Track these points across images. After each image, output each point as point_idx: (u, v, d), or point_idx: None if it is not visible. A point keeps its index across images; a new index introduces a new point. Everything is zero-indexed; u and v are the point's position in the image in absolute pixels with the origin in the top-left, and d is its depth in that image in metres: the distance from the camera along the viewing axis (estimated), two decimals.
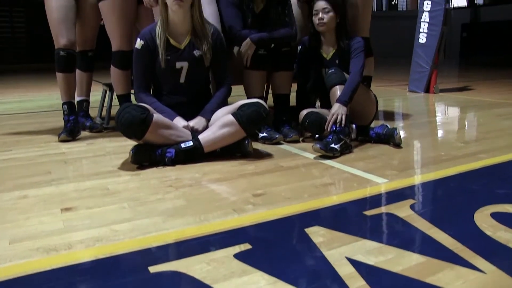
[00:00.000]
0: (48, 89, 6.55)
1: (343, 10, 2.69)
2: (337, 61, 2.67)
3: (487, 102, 4.52)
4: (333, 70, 2.53)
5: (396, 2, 6.64)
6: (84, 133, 3.00)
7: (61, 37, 2.77)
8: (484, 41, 21.31)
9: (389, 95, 5.24)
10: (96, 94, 3.53)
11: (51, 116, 3.83)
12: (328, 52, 2.71)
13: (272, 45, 2.62)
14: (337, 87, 2.46)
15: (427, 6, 5.21)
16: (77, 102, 3.12)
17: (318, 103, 2.97)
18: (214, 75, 2.48)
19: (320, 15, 2.60)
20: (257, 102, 2.22)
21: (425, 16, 5.23)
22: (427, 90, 5.30)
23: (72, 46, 2.82)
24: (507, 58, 17.28)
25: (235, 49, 2.67)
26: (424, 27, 5.25)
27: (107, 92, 3.35)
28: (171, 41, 2.32)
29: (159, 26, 2.31)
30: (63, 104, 2.89)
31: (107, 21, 2.77)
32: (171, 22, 2.30)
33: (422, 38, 5.28)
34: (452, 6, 23.36)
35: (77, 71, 3.03)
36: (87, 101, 3.18)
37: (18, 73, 12.71)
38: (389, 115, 3.75)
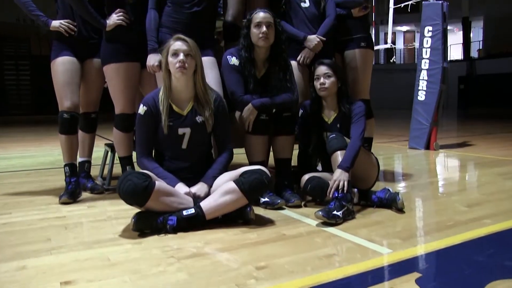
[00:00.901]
0: (49, 143, 6.62)
1: (344, 75, 2.75)
2: (338, 125, 2.70)
3: (488, 159, 4.54)
4: (334, 135, 2.56)
5: (394, 60, 6.85)
6: (85, 194, 3.00)
7: (65, 100, 2.83)
8: (480, 93, 21.72)
9: (390, 152, 5.27)
10: (97, 150, 3.54)
11: (52, 174, 3.84)
12: (329, 116, 2.75)
13: (274, 110, 2.66)
14: (338, 152, 2.48)
15: (425, 64, 5.34)
16: (79, 163, 3.13)
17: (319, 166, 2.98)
18: (216, 140, 2.50)
19: (322, 80, 2.66)
20: (260, 170, 2.23)
21: (424, 74, 5.35)
22: (427, 147, 5.34)
23: (75, 108, 2.87)
24: (504, 111, 17.54)
25: (237, 113, 2.70)
26: (423, 85, 5.36)
27: (109, 152, 3.37)
28: (174, 107, 2.36)
29: (162, 92, 2.35)
30: (65, 165, 2.90)
31: (111, 84, 2.84)
32: (174, 88, 2.35)
33: (421, 96, 5.37)
34: (449, 59, 24.04)
35: (80, 132, 3.07)
36: (89, 162, 3.20)
37: (22, 125, 12.87)
38: (390, 175, 3.75)
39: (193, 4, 2.67)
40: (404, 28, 24.39)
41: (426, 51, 5.32)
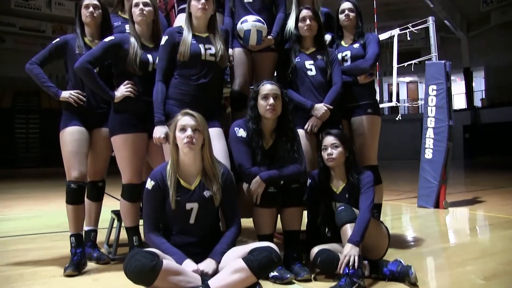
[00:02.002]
0: (55, 200, 6.59)
1: (351, 145, 2.76)
2: (347, 195, 2.68)
3: (501, 220, 4.44)
4: (343, 207, 2.53)
5: (399, 117, 6.85)
6: (90, 264, 2.94)
7: (73, 170, 2.84)
8: (486, 142, 21.69)
9: (399, 212, 5.19)
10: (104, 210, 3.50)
11: (58, 239, 3.79)
12: (338, 186, 2.73)
13: (282, 182, 2.64)
14: (348, 226, 2.44)
15: (431, 122, 5.37)
16: (85, 231, 3.09)
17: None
18: (223, 214, 2.47)
19: (329, 150, 2.66)
20: (269, 247, 2.18)
21: (430, 133, 5.37)
22: (436, 205, 5.26)
23: (83, 178, 2.88)
24: (511, 159, 17.44)
25: (245, 184, 2.69)
26: (429, 143, 5.36)
27: (115, 220, 3.34)
28: (182, 182, 2.35)
29: (170, 167, 2.35)
30: (71, 236, 2.87)
31: (119, 155, 2.85)
32: (182, 163, 2.35)
33: (428, 154, 5.36)
34: (453, 108, 24.21)
35: (87, 200, 3.05)
36: (95, 231, 3.16)
37: (29, 179, 12.94)
38: (400, 240, 3.66)
39: (200, 76, 2.72)
40: (407, 79, 24.76)
41: (432, 110, 5.36)
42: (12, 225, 4.71)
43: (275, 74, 3.35)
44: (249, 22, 3.03)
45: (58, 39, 3.08)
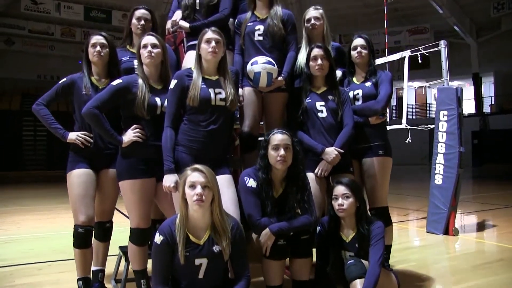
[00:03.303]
0: (60, 214, 6.58)
1: (362, 195, 2.72)
2: (356, 245, 2.65)
3: None
4: (353, 261, 2.50)
5: (409, 140, 6.75)
6: None
7: (80, 214, 2.83)
8: (495, 149, 21.48)
9: (407, 240, 5.11)
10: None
11: (64, 270, 3.76)
12: (347, 235, 2.69)
13: (291, 233, 2.61)
14: (357, 281, 2.43)
15: (441, 148, 5.30)
16: (93, 271, 3.07)
17: None
18: (232, 267, 2.43)
19: (340, 201, 2.62)
20: None
21: (440, 158, 5.29)
22: (446, 232, 5.18)
23: (90, 222, 2.86)
24: None
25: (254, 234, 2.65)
26: (439, 168, 5.29)
27: (122, 257, 3.30)
28: (191, 237, 2.31)
29: (179, 221, 2.31)
30: (78, 280, 2.86)
31: (126, 199, 2.81)
32: (191, 217, 2.32)
33: (438, 180, 5.29)
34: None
35: (94, 241, 3.03)
36: (103, 271, 3.13)
37: (37, 185, 12.98)
38: (410, 278, 3.58)
39: (209, 122, 2.68)
40: (416, 84, 24.54)
41: (442, 135, 5.29)
42: (19, 248, 4.70)
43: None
44: (259, 64, 2.99)
45: (64, 79, 3.05)
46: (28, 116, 20.21)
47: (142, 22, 3.22)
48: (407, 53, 5.97)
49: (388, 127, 4.35)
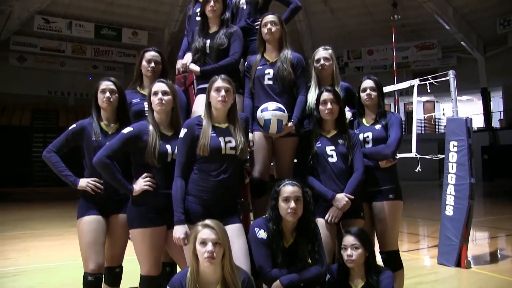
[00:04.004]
0: (69, 239, 6.57)
1: (372, 245, 2.70)
2: None
3: None
4: None
5: (419, 169, 6.65)
6: None
7: (90, 262, 2.84)
8: (505, 163, 21.28)
9: (418, 272, 5.03)
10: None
11: None
12: (356, 284, 2.68)
13: (302, 285, 2.59)
14: None
15: (451, 179, 5.25)
16: None
17: None
18: None
19: (349, 251, 2.61)
20: None
21: (451, 189, 5.24)
22: (458, 264, 5.12)
23: (100, 269, 2.87)
24: None
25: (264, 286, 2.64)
26: (450, 199, 5.24)
27: None
28: None
29: (190, 276, 2.31)
30: None
31: (137, 248, 2.81)
32: (202, 272, 2.31)
33: (449, 211, 5.23)
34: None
35: (104, 285, 3.03)
36: None
37: (46, 203, 13.01)
38: None
39: (220, 171, 2.68)
40: (424, 98, 24.52)
41: (452, 166, 5.25)
42: (27, 283, 4.69)
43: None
44: (269, 111, 2.99)
45: (74, 125, 3.07)
46: (38, 132, 20.48)
47: (152, 64, 3.25)
48: (416, 82, 5.95)
49: (399, 155, 4.33)
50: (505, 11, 19.58)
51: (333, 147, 3.06)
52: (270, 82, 3.18)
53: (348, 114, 3.37)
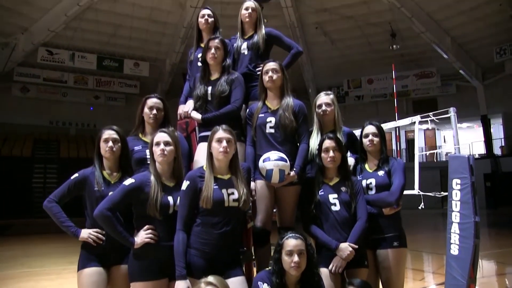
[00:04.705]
0: (68, 278, 6.44)
1: None
2: None
3: None
4: None
5: (422, 206, 6.68)
6: None
7: None
8: (509, 191, 21.15)
9: None
10: None
11: None
12: None
13: None
14: None
15: (455, 217, 5.17)
16: None
17: None
18: None
19: None
20: None
21: (455, 228, 5.16)
22: None
23: None
24: None
25: None
26: (455, 238, 5.15)
27: None
28: None
29: None
30: None
31: None
32: None
33: (454, 250, 5.13)
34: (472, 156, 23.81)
35: None
36: None
37: (45, 236, 12.85)
38: None
39: (222, 224, 2.66)
40: (424, 126, 24.57)
41: (456, 204, 5.18)
42: None
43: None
44: (271, 161, 2.98)
45: (76, 175, 3.05)
46: (39, 163, 20.48)
47: (154, 111, 3.25)
48: (417, 118, 5.95)
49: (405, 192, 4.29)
50: (501, 40, 19.85)
51: (335, 195, 3.04)
52: (272, 131, 3.17)
53: (351, 160, 3.36)
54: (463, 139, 22.12)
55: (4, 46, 18.77)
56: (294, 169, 3.09)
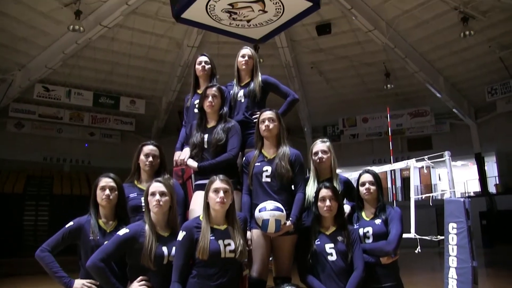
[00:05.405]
0: None
1: None
2: None
3: None
4: None
5: (419, 250, 6.59)
6: None
7: None
8: (505, 230, 21.03)
9: None
10: None
11: None
12: None
13: None
14: None
15: (453, 262, 5.13)
16: None
17: None
18: None
19: None
20: None
21: (452, 273, 5.11)
22: None
23: None
24: None
25: None
26: (453, 283, 5.08)
27: None
28: None
29: None
30: None
31: None
32: None
33: None
34: (467, 195, 23.81)
35: None
36: None
37: (34, 279, 12.50)
38: None
39: (219, 276, 2.63)
40: (419, 164, 24.66)
41: (453, 249, 5.15)
42: None
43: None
44: (268, 211, 2.97)
45: (71, 223, 3.01)
46: (30, 200, 20.18)
47: (150, 158, 3.25)
48: (412, 162, 5.99)
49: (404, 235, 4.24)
50: (492, 80, 20.22)
51: (332, 245, 3.01)
52: (268, 180, 3.17)
53: (347, 208, 3.35)
54: (458, 177, 22.16)
55: (1, 82, 18.87)
56: (290, 218, 3.07)
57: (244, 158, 3.36)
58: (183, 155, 3.49)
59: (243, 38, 6.31)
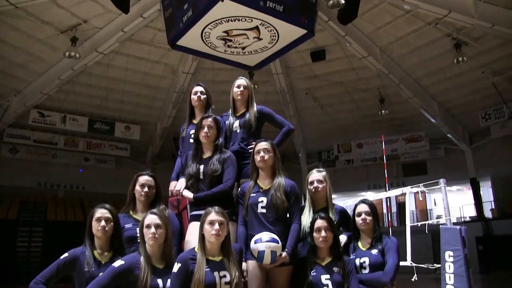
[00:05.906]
0: None
1: None
2: None
3: None
4: None
5: (415, 278, 6.58)
6: None
7: None
8: (501, 254, 20.91)
9: None
10: None
11: None
12: None
13: None
14: None
15: None
16: None
17: None
18: None
19: None
20: None
21: None
22: None
23: None
24: None
25: None
26: None
27: None
28: None
29: None
30: None
31: None
32: None
33: None
34: (463, 220, 23.75)
35: None
36: None
37: None
38: None
39: None
40: (414, 189, 24.66)
41: (450, 277, 5.13)
42: None
43: None
44: (263, 243, 2.96)
45: (66, 254, 2.98)
46: (24, 226, 19.91)
47: (146, 189, 3.24)
48: (407, 189, 6.02)
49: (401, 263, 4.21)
50: (486, 105, 20.40)
51: (328, 276, 3.00)
52: (264, 211, 3.17)
53: (343, 238, 3.34)
54: (454, 202, 22.14)
55: None
56: (286, 249, 3.06)
57: (239, 189, 3.36)
58: (178, 185, 3.48)
59: (238, 65, 6.40)
